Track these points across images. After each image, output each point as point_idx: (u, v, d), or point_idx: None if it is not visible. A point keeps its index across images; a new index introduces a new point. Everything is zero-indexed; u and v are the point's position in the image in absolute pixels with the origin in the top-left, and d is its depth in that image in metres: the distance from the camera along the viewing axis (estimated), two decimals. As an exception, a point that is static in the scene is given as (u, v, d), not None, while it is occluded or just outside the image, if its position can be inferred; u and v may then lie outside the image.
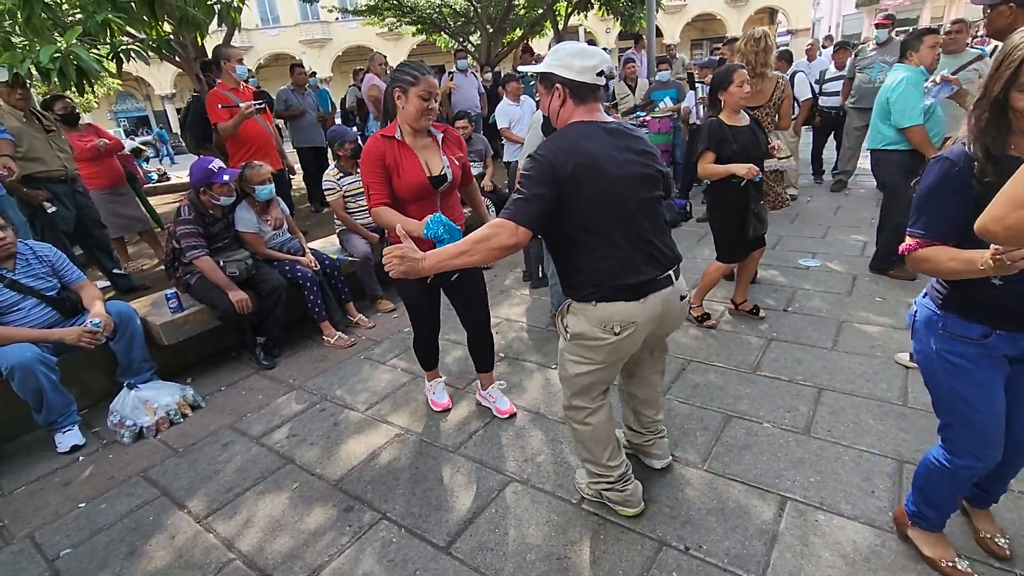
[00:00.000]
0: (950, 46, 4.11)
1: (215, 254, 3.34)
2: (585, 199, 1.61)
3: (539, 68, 1.73)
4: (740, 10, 29.55)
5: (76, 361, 2.94)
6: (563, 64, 1.66)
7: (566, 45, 1.70)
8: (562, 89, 1.68)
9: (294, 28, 28.35)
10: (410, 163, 2.26)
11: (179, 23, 4.55)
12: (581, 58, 1.65)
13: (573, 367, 1.84)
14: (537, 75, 1.76)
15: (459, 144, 2.45)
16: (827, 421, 2.42)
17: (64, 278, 2.92)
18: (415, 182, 2.25)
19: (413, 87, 2.17)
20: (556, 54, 1.69)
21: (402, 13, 11.81)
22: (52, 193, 3.68)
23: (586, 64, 1.64)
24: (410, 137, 2.29)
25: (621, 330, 1.70)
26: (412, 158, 2.27)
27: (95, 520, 2.28)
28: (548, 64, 1.68)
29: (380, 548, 1.99)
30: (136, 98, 30.36)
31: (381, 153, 2.23)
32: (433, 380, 2.87)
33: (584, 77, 1.65)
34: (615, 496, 2.00)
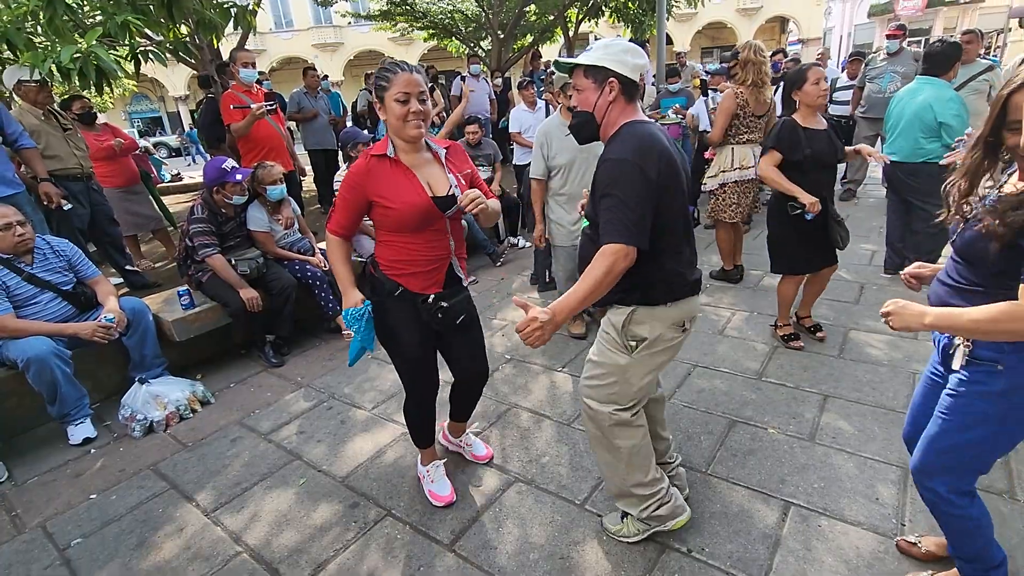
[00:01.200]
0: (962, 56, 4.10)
1: (227, 252, 3.39)
2: (669, 202, 1.56)
3: (590, 60, 1.58)
4: (751, 19, 29.55)
5: (89, 355, 2.99)
6: (618, 59, 1.57)
7: (618, 41, 1.61)
8: (616, 85, 1.58)
9: (307, 32, 28.63)
10: (407, 183, 1.83)
11: (196, 26, 4.63)
12: (633, 56, 1.58)
13: (640, 379, 1.71)
14: (581, 68, 1.61)
15: (464, 158, 2.05)
16: (832, 428, 2.42)
17: (80, 273, 2.97)
18: (416, 203, 1.81)
19: (386, 91, 1.75)
20: (608, 48, 1.58)
21: (414, 18, 11.90)
22: (68, 190, 3.74)
23: (638, 63, 1.59)
24: (405, 154, 1.86)
25: (689, 325, 1.72)
26: (409, 177, 1.84)
27: (106, 511, 2.31)
28: (600, 57, 1.57)
29: (385, 544, 2.01)
30: (150, 99, 30.73)
31: (362, 175, 1.84)
32: (431, 463, 2.27)
33: (635, 75, 1.59)
34: (666, 511, 1.83)
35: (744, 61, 3.64)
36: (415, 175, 1.85)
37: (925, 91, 3.55)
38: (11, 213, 2.70)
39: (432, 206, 1.84)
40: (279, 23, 28.74)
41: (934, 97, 3.48)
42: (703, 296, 3.99)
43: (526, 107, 5.46)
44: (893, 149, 3.78)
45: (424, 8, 11.70)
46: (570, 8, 11.63)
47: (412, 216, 1.83)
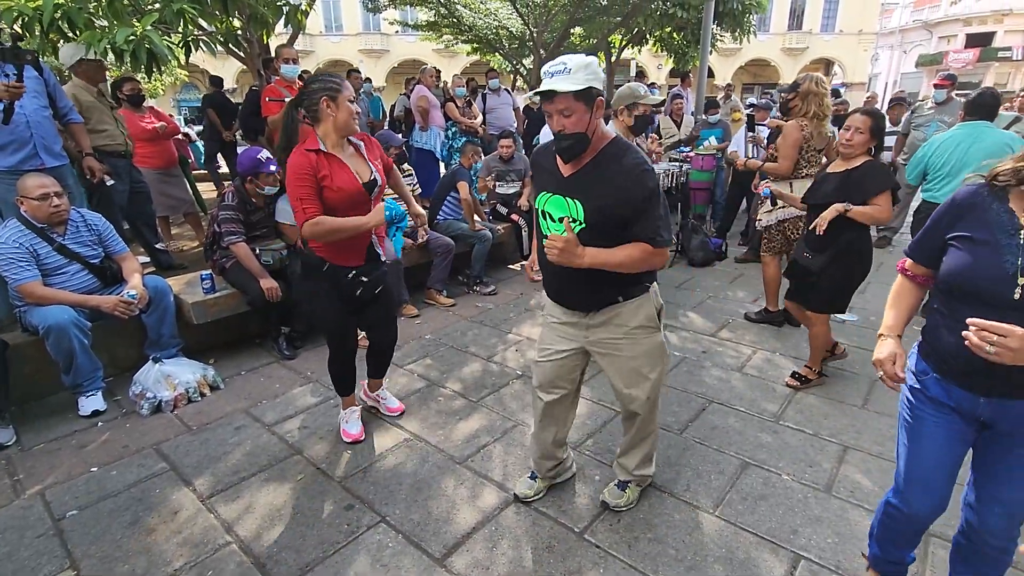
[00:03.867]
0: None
1: (253, 242, 3.42)
2: None
3: (581, 84, 1.61)
4: (796, 59, 29.44)
5: (108, 329, 3.03)
6: (597, 77, 1.64)
7: (589, 59, 1.64)
8: (603, 102, 1.68)
9: (355, 37, 29.39)
10: (342, 172, 2.21)
11: (248, 20, 4.76)
12: (599, 68, 1.67)
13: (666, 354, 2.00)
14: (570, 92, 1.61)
15: (377, 147, 2.47)
16: (850, 481, 2.31)
17: (108, 248, 3.03)
18: (350, 189, 2.21)
19: (340, 93, 2.16)
20: (589, 68, 1.62)
21: (459, 31, 12.11)
22: (112, 167, 3.85)
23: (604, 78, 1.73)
24: (336, 148, 2.23)
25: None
26: (343, 167, 2.22)
27: (104, 486, 2.32)
28: (585, 79, 1.60)
29: (375, 551, 1.96)
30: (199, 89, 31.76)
31: (312, 166, 2.15)
32: (349, 408, 2.68)
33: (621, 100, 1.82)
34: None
35: (805, 92, 3.54)
36: (347, 165, 2.24)
37: (991, 134, 3.65)
38: (50, 184, 2.77)
39: (361, 189, 2.26)
40: (329, 26, 29.56)
41: (1008, 137, 3.61)
42: (724, 331, 3.89)
43: None
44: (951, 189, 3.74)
45: (470, 22, 11.90)
46: (615, 33, 11.72)
47: (347, 198, 2.21)
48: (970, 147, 3.73)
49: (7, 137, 3.04)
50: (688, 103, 8.18)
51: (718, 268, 5.37)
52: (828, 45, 29.59)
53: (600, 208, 1.72)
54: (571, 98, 1.62)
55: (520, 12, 10.83)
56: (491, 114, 7.19)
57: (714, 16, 8.84)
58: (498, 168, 5.35)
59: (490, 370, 3.35)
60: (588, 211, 1.74)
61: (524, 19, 11.09)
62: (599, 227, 1.74)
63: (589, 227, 1.75)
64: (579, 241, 1.69)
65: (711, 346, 3.65)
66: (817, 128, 3.60)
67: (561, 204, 1.78)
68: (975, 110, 3.74)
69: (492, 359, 3.49)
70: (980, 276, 1.27)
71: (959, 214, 1.34)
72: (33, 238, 2.73)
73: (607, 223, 1.73)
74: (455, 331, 3.91)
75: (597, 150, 1.74)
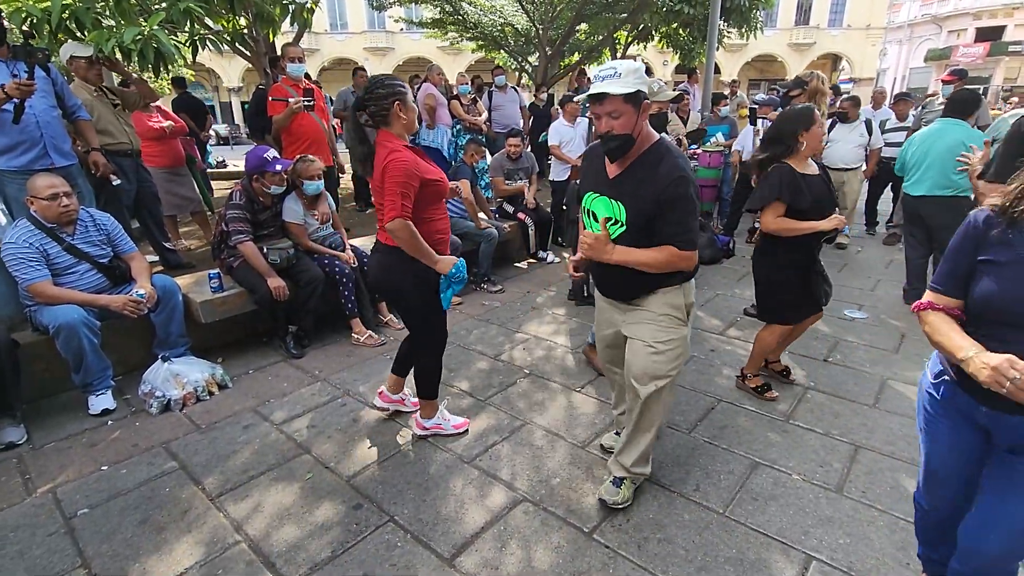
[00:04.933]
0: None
1: (260, 241, 3.43)
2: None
3: (630, 87, 1.70)
4: (803, 54, 29.21)
5: (117, 328, 3.04)
6: (644, 82, 1.73)
7: (636, 65, 1.74)
8: (649, 106, 1.78)
9: (360, 35, 29.41)
10: (432, 166, 2.30)
11: (255, 18, 4.77)
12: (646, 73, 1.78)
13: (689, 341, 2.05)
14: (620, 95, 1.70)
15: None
16: (862, 481, 2.29)
17: (117, 247, 3.04)
18: (445, 179, 2.32)
19: (407, 94, 2.23)
20: (637, 73, 1.71)
21: (465, 28, 12.10)
22: (119, 166, 3.86)
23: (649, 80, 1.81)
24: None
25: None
26: (429, 160, 2.31)
27: (114, 485, 2.33)
28: (633, 83, 1.70)
29: (384, 550, 1.96)
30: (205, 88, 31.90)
31: (412, 160, 2.16)
32: (438, 411, 2.65)
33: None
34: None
35: (814, 91, 3.52)
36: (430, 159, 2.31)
37: (954, 131, 3.76)
38: (59, 183, 2.78)
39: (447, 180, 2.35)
40: (334, 24, 29.60)
41: (966, 135, 3.72)
42: (732, 330, 3.87)
43: (567, 121, 5.45)
44: (921, 182, 3.98)
45: (475, 19, 11.87)
46: (620, 30, 11.67)
47: (444, 189, 2.30)
48: (933, 144, 3.89)
49: (18, 137, 3.06)
50: (695, 100, 8.14)
51: (726, 266, 5.34)
52: (836, 40, 29.35)
53: (638, 211, 1.82)
54: (620, 101, 1.71)
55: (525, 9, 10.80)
56: (497, 111, 7.17)
57: (721, 12, 8.77)
58: (506, 167, 5.34)
59: (497, 369, 3.35)
60: (629, 214, 1.84)
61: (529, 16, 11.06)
62: (637, 229, 1.83)
63: (628, 229, 1.85)
64: (620, 242, 1.85)
65: (719, 344, 3.63)
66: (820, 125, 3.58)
67: (607, 205, 1.89)
68: (951, 107, 3.87)
69: (499, 358, 3.49)
70: (1012, 298, 1.22)
71: (981, 237, 1.28)
72: (43, 238, 2.74)
73: (645, 226, 1.82)
74: (461, 329, 3.90)
75: (640, 152, 1.82)
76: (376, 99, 2.18)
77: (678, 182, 1.75)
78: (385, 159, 2.16)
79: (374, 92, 2.19)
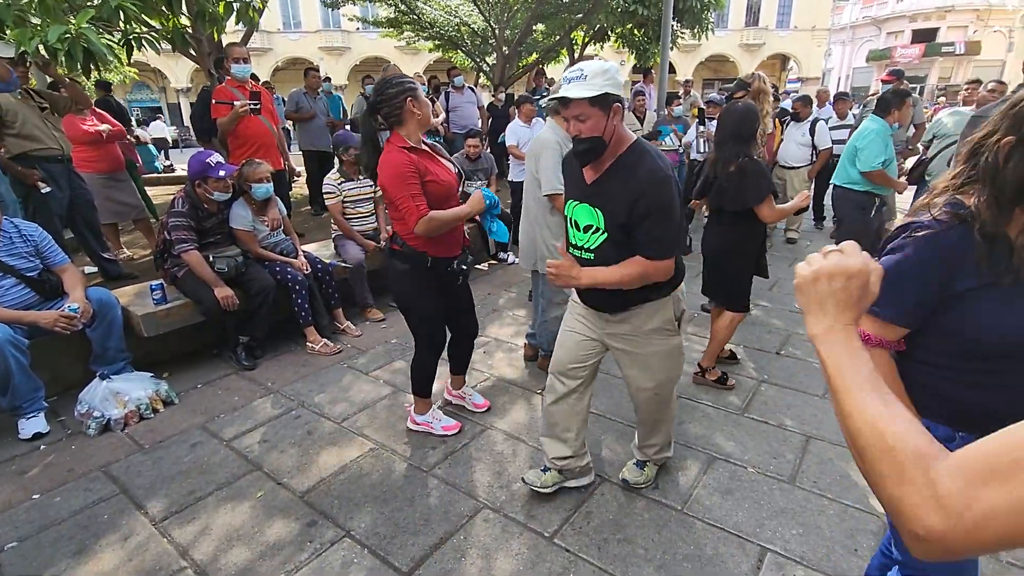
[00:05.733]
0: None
1: (207, 249, 3.28)
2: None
3: (597, 90, 1.62)
4: (753, 54, 30.14)
5: (49, 345, 2.85)
6: (615, 83, 1.66)
7: (608, 65, 1.67)
8: (620, 108, 1.70)
9: (315, 34, 28.72)
10: (438, 166, 2.29)
11: (196, 17, 4.57)
12: (619, 75, 1.69)
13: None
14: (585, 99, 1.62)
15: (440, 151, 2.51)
16: (813, 471, 2.35)
17: (47, 259, 2.85)
18: (449, 181, 2.30)
19: (418, 89, 2.22)
20: (607, 75, 1.65)
21: (420, 28, 11.95)
22: (47, 173, 3.63)
23: (623, 80, 1.74)
24: (418, 144, 2.26)
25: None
26: (436, 160, 2.31)
27: (47, 514, 2.18)
28: (602, 85, 1.63)
29: (339, 568, 1.90)
30: (151, 89, 30.58)
31: (414, 163, 2.16)
32: (430, 410, 2.67)
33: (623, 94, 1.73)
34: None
35: (757, 91, 3.64)
36: (439, 159, 2.34)
37: (867, 126, 3.95)
38: (-22, 193, 2.59)
39: (457, 180, 2.36)
40: (288, 23, 28.82)
41: (862, 130, 3.95)
42: (689, 327, 3.94)
43: (523, 122, 5.45)
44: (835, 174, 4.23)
45: (431, 19, 11.75)
46: (576, 30, 11.75)
47: (447, 190, 2.28)
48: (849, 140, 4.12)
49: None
50: (651, 99, 8.26)
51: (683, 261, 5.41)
52: (784, 41, 30.40)
53: (614, 216, 1.76)
54: (586, 104, 1.64)
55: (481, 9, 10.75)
56: (455, 112, 7.11)
57: (673, 13, 8.94)
58: (465, 168, 5.28)
59: (458, 373, 3.30)
60: (607, 220, 1.78)
61: (485, 16, 11.02)
62: (617, 236, 1.78)
63: (610, 236, 1.79)
64: (603, 250, 1.81)
65: (677, 341, 3.68)
66: (763, 124, 3.73)
67: (588, 212, 1.83)
68: (876, 105, 4.04)
69: (459, 362, 3.44)
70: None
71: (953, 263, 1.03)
72: (-39, 252, 2.55)
73: (623, 232, 1.76)
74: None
75: (617, 155, 1.76)
76: (388, 99, 2.17)
77: (660, 184, 1.68)
78: (379, 167, 2.20)
79: (384, 92, 2.18)
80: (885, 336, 1.13)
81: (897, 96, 3.84)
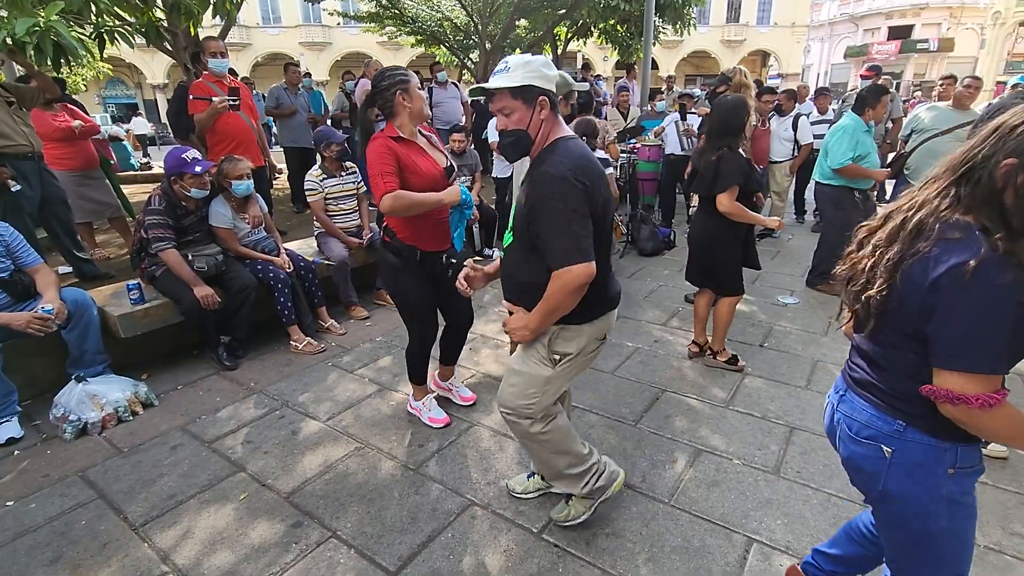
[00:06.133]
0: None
1: (186, 247, 3.21)
2: (601, 219, 1.62)
3: (516, 81, 1.57)
4: (734, 50, 30.44)
5: (22, 348, 2.77)
6: (541, 76, 1.59)
7: (534, 58, 1.62)
8: (546, 101, 1.62)
9: (295, 29, 28.35)
10: (424, 158, 2.34)
11: (171, 9, 4.46)
12: (550, 69, 1.61)
13: (558, 390, 1.81)
14: (507, 90, 1.58)
15: (441, 142, 2.61)
16: (797, 462, 2.38)
17: (19, 259, 2.77)
18: (433, 174, 2.33)
19: (410, 83, 2.28)
20: (529, 66, 1.58)
21: (403, 23, 11.83)
22: (17, 171, 3.52)
23: (554, 74, 1.62)
24: (412, 136, 2.35)
25: (606, 336, 1.81)
26: (423, 153, 2.35)
27: (21, 521, 2.12)
28: (524, 77, 1.56)
29: (326, 569, 1.88)
30: (127, 85, 29.93)
31: (393, 149, 2.24)
32: (425, 397, 2.74)
33: (555, 89, 1.63)
34: (604, 480, 1.94)
35: (738, 85, 3.69)
36: (427, 151, 2.36)
37: (843, 123, 4.06)
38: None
39: (442, 174, 2.36)
40: (267, 18, 28.40)
41: (835, 127, 4.11)
42: (675, 320, 3.96)
43: None
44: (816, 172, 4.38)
45: (413, 13, 11.64)
46: (559, 26, 11.74)
47: (429, 182, 2.29)
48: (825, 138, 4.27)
49: None
50: (634, 95, 8.29)
51: (667, 257, 5.46)
52: (764, 37, 30.77)
53: (518, 216, 1.67)
54: (508, 96, 1.60)
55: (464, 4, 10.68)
56: (438, 108, 7.05)
57: (656, 9, 8.97)
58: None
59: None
60: (515, 219, 1.71)
61: (468, 11, 10.95)
62: (522, 239, 1.67)
63: (515, 238, 1.72)
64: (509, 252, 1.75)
65: (663, 335, 3.70)
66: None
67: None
68: (854, 102, 4.13)
69: (446, 359, 3.42)
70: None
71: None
72: (-74, 252, 2.46)
73: (525, 234, 1.64)
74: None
75: (538, 152, 1.67)
76: (381, 92, 2.27)
77: (548, 181, 1.53)
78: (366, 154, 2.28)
79: (378, 86, 2.27)
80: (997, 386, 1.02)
81: (873, 94, 3.92)
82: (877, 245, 1.14)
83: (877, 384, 1.19)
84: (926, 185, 1.13)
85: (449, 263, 2.49)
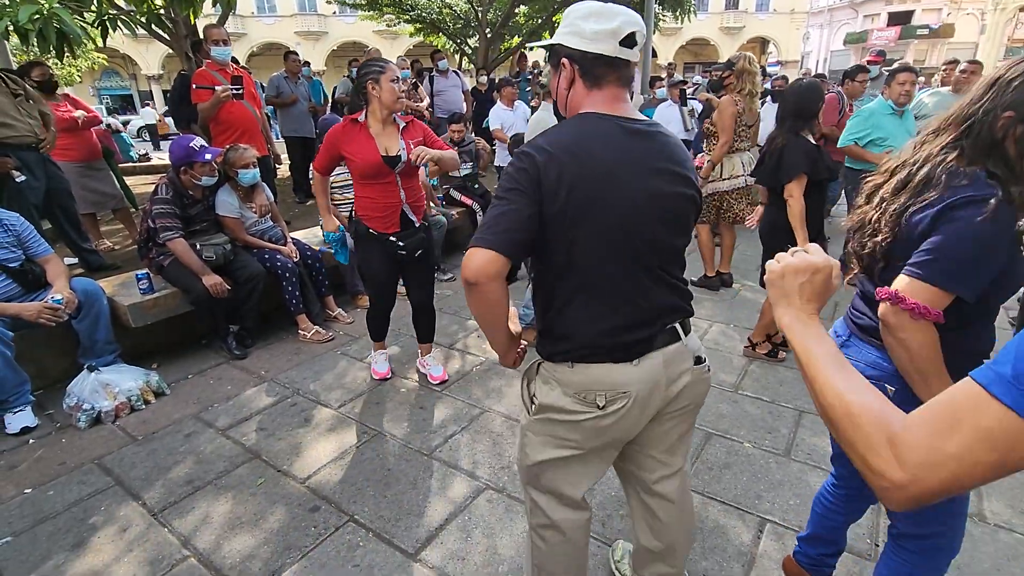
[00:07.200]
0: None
1: (193, 237, 3.21)
2: (581, 223, 1.13)
3: (548, 41, 1.28)
4: (733, 38, 30.25)
5: (34, 338, 2.78)
6: (573, 30, 1.17)
7: (580, 5, 1.19)
8: (569, 65, 1.19)
9: (290, 19, 28.08)
10: (365, 144, 2.52)
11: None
12: (596, 20, 1.14)
13: (535, 451, 1.31)
14: (546, 52, 1.35)
15: (422, 131, 2.70)
16: (807, 444, 2.41)
17: (29, 250, 2.77)
18: (369, 160, 2.51)
19: (383, 75, 2.46)
20: (567, 18, 1.20)
21: (402, 10, 11.74)
22: (21, 161, 3.50)
23: (602, 28, 1.13)
24: (376, 123, 2.55)
25: (607, 403, 1.20)
26: (368, 140, 2.53)
27: (41, 508, 2.14)
28: (558, 34, 1.21)
29: (345, 552, 1.90)
30: (121, 76, 29.67)
31: (339, 132, 2.57)
32: (379, 351, 3.06)
33: (599, 47, 1.14)
34: None
35: (740, 71, 3.70)
36: (372, 139, 2.53)
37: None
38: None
39: (381, 162, 2.52)
40: (262, 7, 28.12)
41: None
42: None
43: (505, 105, 5.43)
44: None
45: (413, 1, 11.54)
46: (559, 13, 11.65)
47: (367, 167, 2.52)
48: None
49: None
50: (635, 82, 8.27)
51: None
52: (763, 24, 30.57)
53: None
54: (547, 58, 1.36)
55: (463, -9, 10.59)
56: (439, 96, 7.02)
57: (656, -5, 8.91)
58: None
59: (452, 357, 3.30)
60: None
61: (468, -2, 10.86)
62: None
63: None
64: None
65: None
66: (749, 104, 3.79)
67: None
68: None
69: (454, 347, 3.44)
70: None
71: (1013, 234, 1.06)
72: (-63, 242, 2.46)
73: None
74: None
75: None
76: (358, 83, 2.51)
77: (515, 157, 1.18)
78: None
79: (358, 75, 2.52)
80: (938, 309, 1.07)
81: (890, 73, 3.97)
82: (884, 197, 1.22)
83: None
84: (928, 140, 1.20)
85: (397, 245, 2.68)
